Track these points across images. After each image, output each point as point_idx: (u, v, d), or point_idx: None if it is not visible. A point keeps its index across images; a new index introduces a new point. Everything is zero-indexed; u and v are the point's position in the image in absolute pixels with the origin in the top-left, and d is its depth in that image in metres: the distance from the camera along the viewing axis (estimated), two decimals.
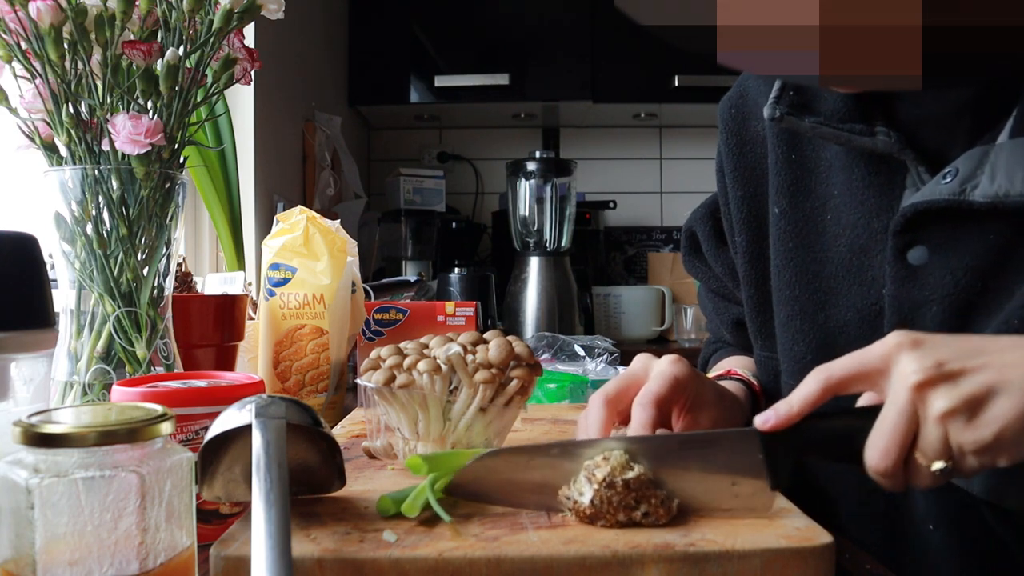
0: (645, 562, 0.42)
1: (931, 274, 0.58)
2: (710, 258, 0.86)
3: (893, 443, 0.45)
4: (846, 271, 0.65)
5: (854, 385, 0.47)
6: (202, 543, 0.45)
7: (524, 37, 2.24)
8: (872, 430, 0.46)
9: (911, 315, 0.60)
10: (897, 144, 0.60)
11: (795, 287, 0.68)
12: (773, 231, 0.71)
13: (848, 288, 0.65)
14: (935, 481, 0.46)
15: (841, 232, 0.65)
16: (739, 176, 0.75)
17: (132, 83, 0.62)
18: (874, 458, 0.45)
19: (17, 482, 0.36)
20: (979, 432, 0.43)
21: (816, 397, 0.47)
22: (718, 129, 0.79)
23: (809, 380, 0.47)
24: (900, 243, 0.59)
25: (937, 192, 0.57)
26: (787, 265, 0.69)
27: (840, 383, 0.47)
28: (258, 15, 0.67)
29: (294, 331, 0.90)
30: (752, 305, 0.76)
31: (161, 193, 0.64)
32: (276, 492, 0.40)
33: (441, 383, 0.56)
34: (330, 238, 0.91)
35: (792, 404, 0.47)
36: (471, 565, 0.41)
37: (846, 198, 0.65)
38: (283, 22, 0.73)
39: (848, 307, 0.65)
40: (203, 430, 0.49)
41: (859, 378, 0.47)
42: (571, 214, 2.08)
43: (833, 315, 0.66)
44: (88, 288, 0.62)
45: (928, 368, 0.44)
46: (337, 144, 2.03)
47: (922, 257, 0.59)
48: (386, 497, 0.48)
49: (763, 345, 0.76)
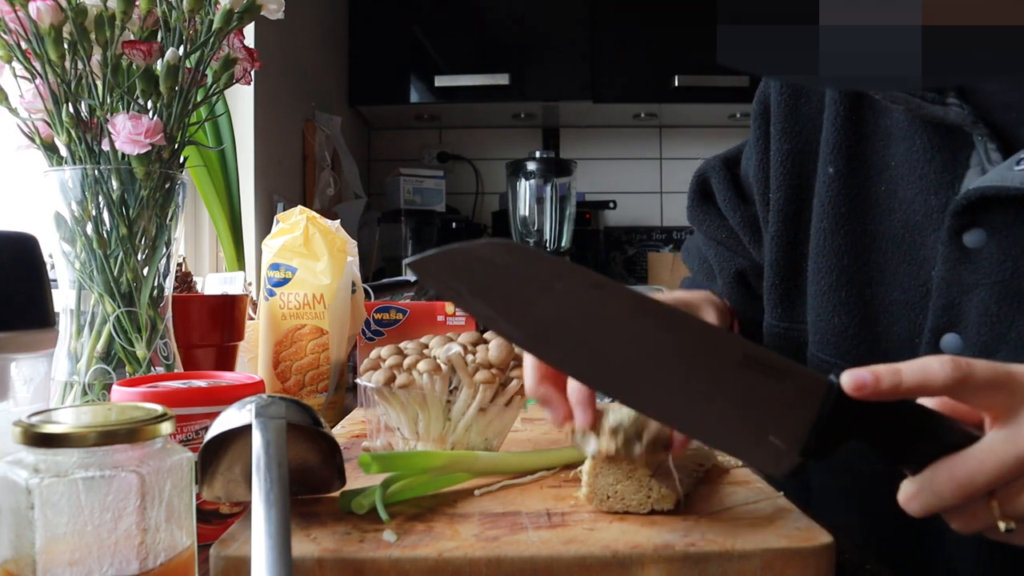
0: (645, 562, 0.42)
1: (985, 259, 0.55)
2: (726, 208, 0.81)
3: (984, 481, 0.38)
4: (897, 247, 0.62)
5: (983, 397, 0.39)
6: (202, 543, 0.45)
7: (524, 37, 2.24)
8: (965, 454, 0.39)
9: (958, 299, 0.57)
10: (971, 117, 0.57)
11: (844, 256, 0.64)
12: (824, 192, 0.66)
13: (897, 266, 0.62)
14: (985, 531, 0.40)
15: (896, 206, 0.62)
16: (789, 129, 0.70)
17: (132, 83, 0.62)
18: (946, 482, 0.39)
19: (17, 482, 0.36)
20: None
21: (941, 386, 0.39)
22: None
23: (936, 364, 0.39)
24: (958, 224, 0.56)
25: (1008, 178, 0.53)
26: (837, 231, 0.65)
27: (975, 387, 0.39)
28: (258, 15, 0.67)
29: (294, 331, 0.90)
30: (777, 269, 0.71)
31: (161, 193, 0.64)
32: (276, 492, 0.40)
33: (441, 383, 0.56)
34: (330, 238, 0.91)
35: (903, 380, 0.39)
36: (471, 565, 0.41)
37: (904, 170, 0.61)
38: (283, 22, 0.73)
39: (895, 286, 0.62)
40: (203, 430, 0.49)
41: (994, 393, 0.39)
42: (571, 214, 2.08)
43: (879, 292, 0.63)
44: (88, 288, 0.62)
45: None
46: (337, 144, 2.03)
47: (979, 240, 0.55)
48: (346, 494, 0.48)
49: (782, 315, 0.72)
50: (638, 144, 2.56)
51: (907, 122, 0.62)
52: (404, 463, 0.50)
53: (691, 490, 0.49)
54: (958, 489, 0.39)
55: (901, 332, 0.62)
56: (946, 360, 0.39)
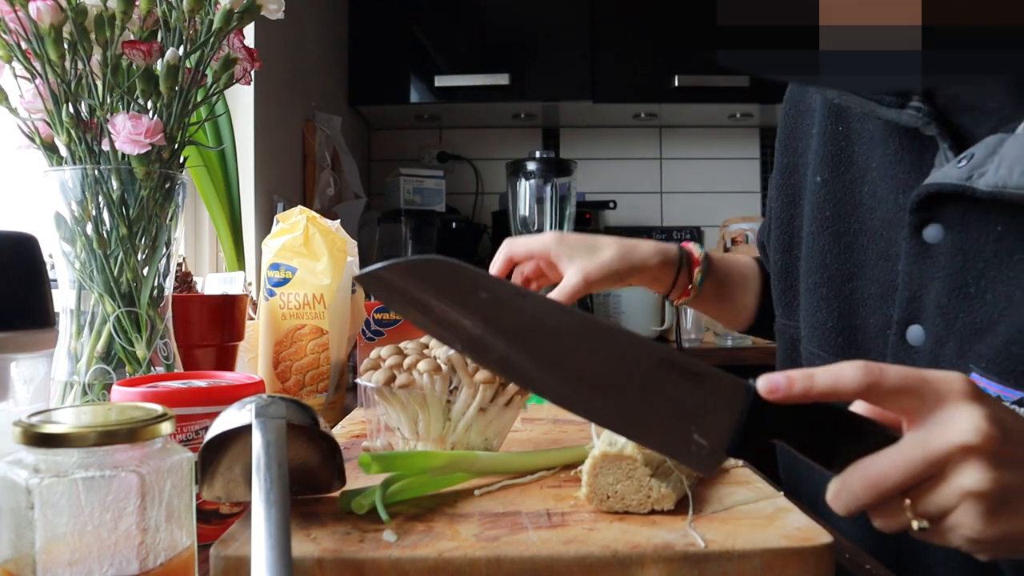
0: (645, 562, 0.42)
1: (942, 253, 0.58)
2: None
3: (895, 481, 0.40)
4: (875, 245, 0.66)
5: (895, 401, 0.41)
6: (202, 543, 0.45)
7: (524, 37, 2.24)
8: (879, 455, 0.40)
9: (919, 292, 0.60)
10: (924, 119, 0.60)
11: (826, 255, 0.69)
12: (811, 199, 0.72)
13: (876, 262, 0.65)
14: (900, 530, 0.41)
15: (876, 206, 0.66)
16: (788, 144, 0.78)
17: (132, 83, 0.62)
18: (859, 481, 0.40)
19: (17, 482, 0.36)
20: (991, 527, 0.39)
21: (851, 390, 0.40)
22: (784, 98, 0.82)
23: (849, 370, 0.40)
24: (916, 220, 0.59)
25: (949, 175, 0.56)
26: (821, 233, 0.70)
27: (886, 392, 0.40)
28: (258, 15, 0.66)
29: (294, 331, 0.90)
30: (777, 270, 0.78)
31: (161, 193, 0.64)
32: (276, 492, 0.40)
33: (441, 383, 0.56)
34: (330, 238, 0.91)
35: (815, 384, 0.41)
36: (471, 565, 0.41)
37: (882, 172, 0.65)
38: (283, 22, 0.73)
39: (872, 280, 0.65)
40: (203, 430, 0.49)
41: (906, 397, 0.40)
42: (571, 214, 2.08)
43: (859, 287, 0.66)
44: (88, 288, 0.62)
45: (986, 435, 0.38)
46: (337, 144, 2.03)
47: (937, 235, 0.59)
48: (346, 493, 0.48)
49: (784, 312, 0.78)
50: (638, 144, 2.56)
51: (884, 126, 0.65)
52: (404, 463, 0.50)
53: (691, 490, 0.49)
54: (871, 488, 0.40)
55: (877, 324, 0.65)
56: (858, 365, 0.40)
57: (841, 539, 0.56)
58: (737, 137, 2.53)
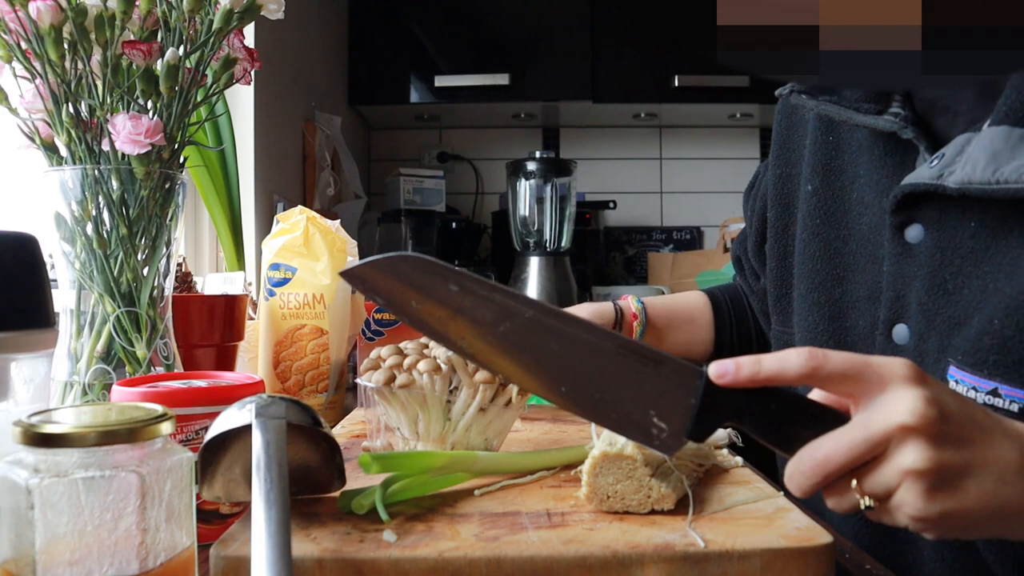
0: (645, 562, 0.42)
1: (922, 252, 0.60)
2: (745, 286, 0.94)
3: (838, 462, 0.41)
4: (862, 249, 0.67)
5: (840, 385, 0.42)
6: (202, 543, 0.45)
7: (524, 37, 2.24)
8: (825, 437, 0.42)
9: (903, 292, 0.61)
10: (900, 123, 0.62)
11: (817, 261, 0.71)
12: (803, 207, 0.73)
13: (864, 265, 0.67)
14: (852, 510, 0.43)
15: (863, 211, 0.67)
16: (780, 156, 0.79)
17: (132, 83, 0.62)
18: (808, 462, 0.42)
19: (17, 482, 0.36)
20: (931, 504, 0.40)
21: (794, 375, 0.42)
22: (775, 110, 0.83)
23: (793, 355, 0.42)
24: (896, 221, 0.61)
25: (921, 176, 0.58)
26: (812, 239, 0.71)
27: (828, 376, 0.42)
28: (258, 15, 0.66)
29: (294, 331, 0.90)
30: (772, 278, 0.79)
31: (161, 193, 0.64)
32: (276, 492, 0.40)
33: (441, 383, 0.56)
34: (330, 238, 0.91)
35: (761, 368, 0.42)
36: (471, 565, 0.41)
37: (868, 178, 0.67)
38: (283, 22, 0.73)
39: (861, 283, 0.67)
40: (203, 430, 0.49)
41: (850, 381, 0.42)
42: (571, 214, 2.08)
43: (848, 290, 0.68)
44: (88, 288, 0.62)
45: (924, 415, 0.39)
46: (337, 144, 2.03)
47: (918, 236, 0.60)
48: (346, 493, 0.48)
49: (779, 319, 0.79)
50: (638, 144, 2.56)
51: (870, 133, 0.67)
52: (404, 463, 0.50)
53: (691, 490, 0.49)
54: (818, 469, 0.41)
55: (865, 326, 0.67)
56: (803, 351, 0.42)
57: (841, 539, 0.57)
58: (737, 137, 2.53)
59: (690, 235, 2.52)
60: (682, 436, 0.44)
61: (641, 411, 0.44)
